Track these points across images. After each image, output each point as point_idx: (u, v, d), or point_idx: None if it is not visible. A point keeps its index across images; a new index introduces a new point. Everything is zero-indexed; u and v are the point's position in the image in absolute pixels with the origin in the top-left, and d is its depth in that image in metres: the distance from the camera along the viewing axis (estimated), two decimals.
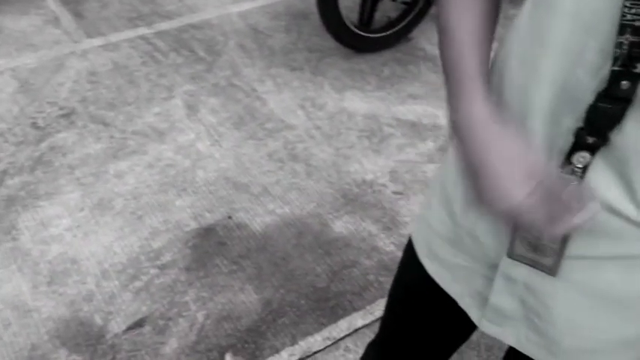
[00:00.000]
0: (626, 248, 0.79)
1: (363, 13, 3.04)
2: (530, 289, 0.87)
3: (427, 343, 1.19)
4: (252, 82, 2.87)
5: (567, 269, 0.82)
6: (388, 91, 2.93)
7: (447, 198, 0.96)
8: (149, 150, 2.51)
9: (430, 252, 1.02)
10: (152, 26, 3.12)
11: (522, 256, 0.84)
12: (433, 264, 1.02)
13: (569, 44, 0.72)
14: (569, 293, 0.85)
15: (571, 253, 0.81)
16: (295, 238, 2.25)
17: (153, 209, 2.30)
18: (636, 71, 0.67)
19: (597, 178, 0.75)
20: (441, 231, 0.98)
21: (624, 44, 0.67)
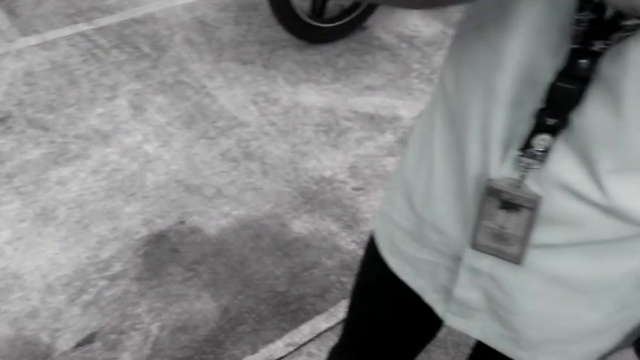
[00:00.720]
0: (590, 234, 0.79)
1: (316, 2, 3.03)
2: (494, 280, 0.88)
3: (393, 342, 1.20)
4: (201, 78, 2.83)
5: (532, 258, 0.83)
6: (344, 83, 2.92)
7: (408, 191, 0.96)
8: (93, 154, 2.46)
9: (393, 247, 1.03)
10: (92, 22, 3.05)
11: (486, 247, 0.85)
12: (396, 259, 1.03)
13: (531, 24, 0.72)
14: (533, 283, 0.86)
15: (535, 241, 0.81)
16: (252, 240, 2.23)
17: (100, 217, 2.25)
18: (595, 49, 0.67)
19: (559, 161, 0.75)
20: (403, 225, 0.98)
21: (583, 21, 0.67)
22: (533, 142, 0.75)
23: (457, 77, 0.83)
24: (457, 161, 0.84)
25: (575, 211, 0.77)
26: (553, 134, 0.74)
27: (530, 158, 0.76)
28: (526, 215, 0.79)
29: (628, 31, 0.65)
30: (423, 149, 0.92)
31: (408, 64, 3.05)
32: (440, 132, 0.87)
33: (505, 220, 0.81)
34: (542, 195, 0.77)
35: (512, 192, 0.78)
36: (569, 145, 0.74)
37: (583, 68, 0.69)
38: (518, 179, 0.77)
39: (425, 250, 0.95)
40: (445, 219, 0.89)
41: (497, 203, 0.80)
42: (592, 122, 0.72)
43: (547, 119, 0.73)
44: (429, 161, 0.90)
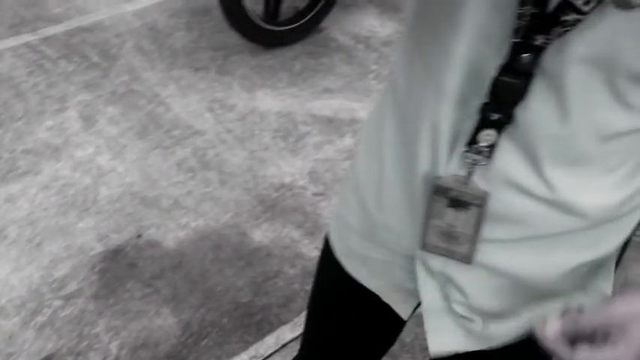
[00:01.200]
0: (538, 228, 0.81)
1: (269, 4, 3.02)
2: (449, 280, 0.89)
3: (354, 347, 1.19)
4: (153, 87, 2.80)
5: (481, 255, 0.84)
6: (301, 87, 2.92)
7: (360, 191, 0.97)
8: (43, 169, 2.41)
9: (347, 249, 1.03)
10: (37, 32, 3.00)
11: (436, 247, 0.85)
12: (351, 261, 1.03)
13: (478, 20, 0.72)
14: (483, 279, 0.87)
15: (484, 238, 0.82)
16: (213, 252, 2.21)
17: (52, 234, 2.20)
18: (536, 44, 0.69)
19: (505, 157, 0.77)
20: (356, 226, 0.99)
21: (525, 15, 0.68)
22: (479, 137, 0.76)
23: (408, 76, 0.84)
24: (407, 161, 0.85)
25: (522, 206, 0.79)
26: (498, 129, 0.75)
27: (476, 154, 0.76)
28: (474, 212, 0.80)
29: (568, 25, 0.66)
30: (372, 149, 0.93)
31: (366, 65, 3.06)
32: (390, 131, 0.88)
33: (454, 219, 0.81)
34: (489, 191, 0.78)
35: (459, 189, 0.79)
36: (514, 140, 0.75)
37: (525, 62, 0.70)
38: (465, 176, 0.78)
39: (379, 251, 0.96)
40: (397, 219, 0.90)
41: (446, 202, 0.81)
42: (536, 117, 0.73)
43: (491, 114, 0.74)
44: (380, 161, 0.90)
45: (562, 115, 0.73)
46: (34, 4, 3.15)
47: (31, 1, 3.17)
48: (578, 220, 0.79)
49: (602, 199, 0.79)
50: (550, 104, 0.72)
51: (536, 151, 0.75)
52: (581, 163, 0.76)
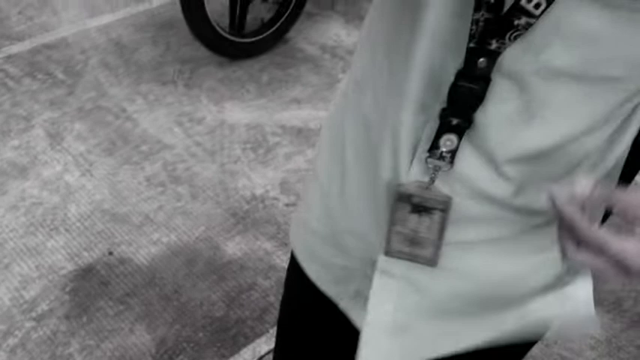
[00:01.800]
0: (500, 230, 0.83)
1: (234, 16, 3.04)
2: (410, 283, 0.90)
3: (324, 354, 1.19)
4: (120, 102, 2.80)
5: (445, 257, 0.85)
6: (270, 98, 2.94)
7: (323, 196, 0.97)
8: (10, 189, 2.39)
9: (310, 254, 1.03)
10: (0, 51, 2.98)
11: (400, 252, 0.86)
12: (313, 266, 1.03)
13: (437, 26, 0.74)
14: (445, 281, 0.88)
15: (448, 241, 0.83)
16: (185, 266, 2.21)
17: (21, 255, 2.19)
18: (491, 48, 0.70)
19: (466, 162, 0.78)
20: (319, 231, 0.99)
21: (480, 21, 0.70)
22: (440, 143, 0.77)
23: (368, 81, 0.85)
24: (370, 167, 0.85)
25: (485, 208, 0.80)
26: (458, 134, 0.76)
27: (437, 159, 0.77)
28: (438, 217, 0.81)
29: (520, 29, 0.68)
30: (334, 155, 0.93)
31: (333, 74, 3.09)
32: (351, 137, 0.89)
33: (417, 224, 0.82)
34: (452, 196, 0.80)
35: (422, 195, 0.80)
36: (474, 144, 0.77)
37: (482, 67, 0.71)
38: (427, 182, 0.79)
39: (341, 256, 0.96)
40: (360, 224, 0.90)
41: (409, 208, 0.81)
42: (495, 120, 0.75)
43: (451, 119, 0.75)
44: (342, 167, 0.91)
45: (521, 118, 0.74)
46: None
47: None
48: (538, 219, 0.81)
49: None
50: (509, 107, 0.74)
51: (496, 155, 0.77)
52: (540, 165, 0.77)
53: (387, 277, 0.91)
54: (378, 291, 0.92)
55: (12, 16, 3.19)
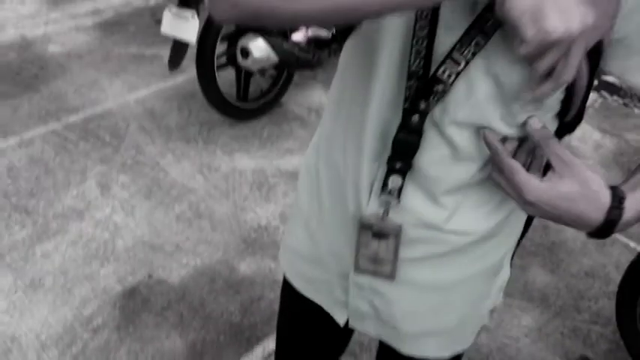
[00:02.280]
0: (439, 248, 0.83)
1: (240, 87, 3.05)
2: (376, 292, 0.89)
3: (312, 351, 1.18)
4: (154, 157, 2.79)
5: (402, 272, 0.85)
6: (269, 149, 2.94)
7: (304, 218, 0.96)
8: (71, 229, 2.37)
9: (296, 271, 1.02)
10: (61, 120, 2.97)
11: (366, 269, 0.86)
12: (299, 281, 1.02)
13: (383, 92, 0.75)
14: (406, 291, 0.88)
15: (402, 259, 0.84)
16: (208, 284, 2.19)
17: (80, 280, 2.16)
18: (421, 108, 0.71)
19: (410, 197, 0.79)
20: (303, 251, 0.98)
21: (411, 88, 0.71)
22: (389, 182, 0.77)
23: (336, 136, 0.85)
24: (340, 201, 0.86)
25: (427, 232, 0.81)
26: (402, 175, 0.76)
27: (388, 196, 0.78)
28: (393, 241, 0.81)
29: (439, 94, 0.70)
30: (312, 190, 0.93)
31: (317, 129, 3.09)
32: (325, 179, 0.89)
33: (378, 247, 0.83)
34: (402, 224, 0.80)
35: (379, 224, 0.81)
36: (416, 182, 0.78)
37: (415, 123, 0.72)
38: (382, 214, 0.80)
39: (321, 271, 0.95)
40: (337, 246, 0.90)
41: (370, 234, 0.82)
42: (430, 163, 0.76)
43: (396, 164, 0.76)
44: (319, 201, 0.91)
45: (451, 159, 0.75)
46: (56, 99, 3.12)
47: (54, 97, 3.14)
48: (467, 238, 0.81)
49: (483, 222, 0.81)
50: (440, 152, 0.75)
51: (433, 190, 0.77)
52: (466, 196, 0.78)
53: (359, 289, 0.91)
54: (354, 298, 0.92)
55: (69, 93, 3.18)
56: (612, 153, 3.12)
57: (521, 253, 2.46)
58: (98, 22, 3.90)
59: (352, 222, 0.84)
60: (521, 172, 0.68)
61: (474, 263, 0.86)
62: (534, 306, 2.26)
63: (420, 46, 0.69)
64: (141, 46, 3.66)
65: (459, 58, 0.67)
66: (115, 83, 3.29)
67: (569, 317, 2.24)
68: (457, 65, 0.67)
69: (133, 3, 4.19)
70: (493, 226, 0.82)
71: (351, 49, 0.82)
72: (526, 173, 0.68)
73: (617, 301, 2.06)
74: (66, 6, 4.05)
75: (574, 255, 2.50)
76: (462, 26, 0.66)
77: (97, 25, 3.85)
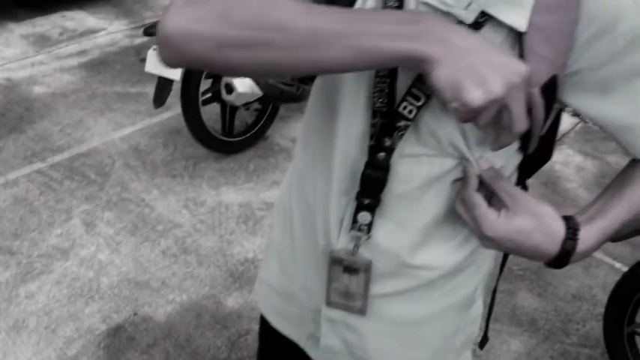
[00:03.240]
0: (409, 282, 0.82)
1: (225, 122, 3.08)
2: (348, 327, 0.89)
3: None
4: (140, 194, 2.79)
5: (373, 306, 0.84)
6: (256, 182, 2.95)
7: (278, 253, 0.96)
8: (55, 268, 2.35)
9: (272, 308, 1.01)
10: (46, 160, 2.97)
11: (337, 303, 0.85)
12: (275, 317, 1.01)
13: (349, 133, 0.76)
14: (377, 325, 0.87)
15: (373, 294, 0.83)
16: (195, 319, 2.17)
17: (65, 320, 2.13)
18: (386, 145, 0.72)
19: (380, 232, 0.79)
20: (278, 288, 0.97)
21: (376, 125, 0.72)
22: (358, 218, 0.77)
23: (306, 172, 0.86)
24: (312, 237, 0.86)
25: (397, 267, 0.81)
26: (371, 211, 0.77)
27: (358, 231, 0.78)
28: (363, 276, 0.81)
29: (402, 130, 0.71)
30: (285, 227, 0.93)
31: None
32: (297, 214, 0.89)
33: (349, 281, 0.82)
34: (372, 259, 0.80)
35: (350, 259, 0.81)
36: (385, 217, 0.78)
37: (381, 159, 0.73)
38: (352, 249, 0.80)
39: (295, 306, 0.95)
40: (309, 281, 0.89)
41: (341, 269, 0.82)
42: (399, 197, 0.76)
43: (364, 200, 0.76)
44: (292, 236, 0.91)
45: (416, 195, 0.76)
46: (42, 139, 3.13)
47: (39, 137, 3.15)
48: (436, 273, 0.81)
49: (452, 256, 0.81)
50: (408, 186, 0.75)
51: (402, 225, 0.78)
52: (434, 230, 0.78)
53: (331, 324, 0.90)
54: (326, 333, 0.91)
55: (54, 133, 3.19)
56: (594, 176, 3.16)
57: (508, 277, 2.46)
58: (84, 62, 3.94)
59: (323, 257, 0.84)
60: (482, 206, 0.70)
61: (444, 297, 0.85)
62: (523, 330, 2.25)
63: (382, 84, 0.70)
64: (126, 85, 3.70)
65: (418, 94, 0.68)
66: (100, 122, 3.31)
67: (557, 341, 2.23)
68: (417, 100, 0.68)
69: (119, 42, 4.25)
70: (462, 260, 0.82)
71: (318, 85, 0.83)
72: (486, 208, 0.70)
73: (605, 323, 2.06)
74: (51, 48, 4.10)
75: (560, 278, 2.50)
76: None
77: (82, 65, 3.90)
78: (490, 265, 0.90)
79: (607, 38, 0.65)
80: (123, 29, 4.46)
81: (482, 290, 0.92)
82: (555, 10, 0.64)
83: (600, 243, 0.73)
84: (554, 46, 0.64)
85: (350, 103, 0.75)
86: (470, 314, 0.92)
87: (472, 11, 0.64)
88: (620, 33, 0.64)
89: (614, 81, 0.68)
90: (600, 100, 0.70)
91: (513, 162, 0.77)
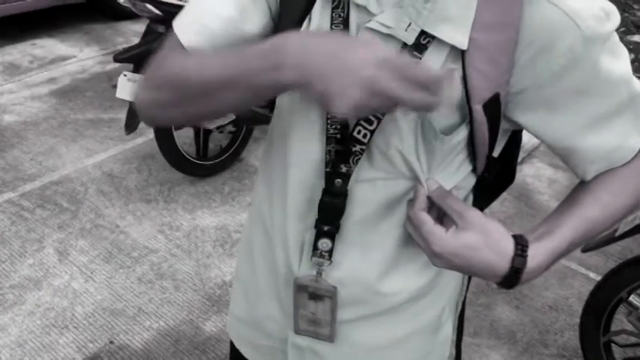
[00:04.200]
0: (372, 308, 0.82)
1: (199, 145, 3.08)
2: (315, 354, 0.88)
3: None
4: (114, 220, 2.76)
5: (340, 333, 0.84)
6: (231, 204, 2.95)
7: (244, 289, 0.95)
8: (28, 299, 2.31)
9: (242, 339, 0.99)
10: (16, 190, 2.93)
11: (305, 330, 0.85)
12: (245, 348, 0.99)
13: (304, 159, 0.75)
14: (341, 352, 0.86)
15: (339, 321, 0.82)
16: (173, 346, 2.14)
17: (38, 352, 2.09)
18: (342, 171, 0.72)
19: (341, 258, 0.78)
20: (245, 319, 0.96)
21: (332, 152, 0.72)
22: (319, 245, 0.77)
23: (264, 199, 0.86)
24: (272, 265, 0.85)
25: (361, 292, 0.80)
26: (331, 238, 0.76)
27: (320, 258, 0.78)
28: (329, 302, 0.80)
29: (358, 154, 0.71)
30: (248, 256, 0.92)
31: None
32: (257, 243, 0.89)
33: (315, 308, 0.82)
34: (337, 285, 0.79)
35: (314, 286, 0.80)
36: (345, 243, 0.77)
37: (338, 186, 0.73)
38: (316, 275, 0.79)
39: (263, 337, 0.93)
40: (273, 310, 0.88)
41: (307, 295, 0.81)
42: (359, 222, 0.76)
43: (323, 227, 0.76)
44: (252, 265, 0.90)
45: (375, 219, 0.76)
46: (12, 169, 3.09)
47: (10, 167, 3.11)
48: (400, 297, 0.81)
49: (415, 280, 0.81)
50: (367, 210, 0.75)
51: (363, 250, 0.77)
52: (396, 254, 0.78)
53: (298, 350, 0.89)
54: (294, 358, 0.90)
55: (25, 162, 3.15)
56: (566, 188, 3.22)
57: (485, 291, 2.48)
58: (54, 89, 3.92)
59: (284, 285, 0.83)
60: (428, 223, 0.70)
61: (410, 322, 0.85)
62: (502, 343, 2.27)
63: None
64: (98, 111, 3.68)
65: (371, 117, 0.69)
66: (72, 149, 3.28)
67: (536, 352, 2.25)
68: (370, 124, 0.69)
69: (90, 69, 4.23)
70: (426, 283, 0.81)
71: (275, 112, 0.83)
72: (432, 224, 0.70)
73: (581, 333, 2.09)
74: (21, 76, 4.07)
75: (537, 289, 2.54)
76: None
77: (53, 93, 3.87)
78: (456, 288, 0.90)
79: (547, 57, 0.65)
80: (94, 56, 4.45)
81: (450, 313, 0.92)
82: (495, 29, 0.65)
83: (549, 262, 0.72)
84: (495, 63, 0.65)
85: (304, 130, 0.75)
86: (438, 337, 0.90)
87: (412, 32, 0.66)
88: (559, 51, 0.65)
89: (557, 99, 0.69)
90: (547, 119, 0.70)
91: (467, 183, 0.78)
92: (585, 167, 0.75)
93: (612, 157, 0.73)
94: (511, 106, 0.70)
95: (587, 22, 0.64)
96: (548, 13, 0.64)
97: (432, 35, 0.66)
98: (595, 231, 0.75)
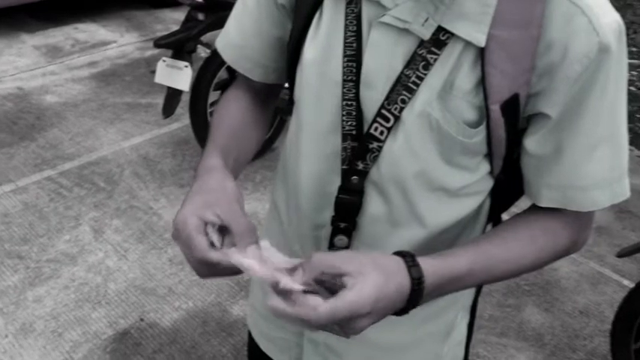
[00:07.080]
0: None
1: None
2: (330, 349, 0.89)
3: None
4: (148, 202, 2.84)
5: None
6: (262, 192, 3.00)
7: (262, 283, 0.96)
8: (63, 273, 2.39)
9: (259, 331, 1.01)
10: (56, 168, 3.03)
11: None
12: (262, 340, 1.01)
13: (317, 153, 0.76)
14: (356, 348, 0.87)
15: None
16: (201, 327, 2.20)
17: (72, 325, 2.17)
18: (359, 168, 0.72)
19: None
20: (262, 312, 0.97)
21: (348, 149, 0.72)
22: (335, 242, 0.77)
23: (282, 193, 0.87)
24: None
25: None
26: (347, 235, 0.76)
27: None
28: None
29: (375, 151, 0.71)
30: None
31: None
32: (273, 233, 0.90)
33: None
34: None
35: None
36: (362, 240, 0.77)
37: (355, 183, 0.73)
38: None
39: (279, 330, 0.95)
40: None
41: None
42: (372, 221, 0.76)
43: (340, 224, 0.75)
44: None
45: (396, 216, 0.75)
46: (52, 147, 3.20)
47: (50, 145, 3.21)
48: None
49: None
50: (384, 209, 0.75)
51: (379, 248, 0.77)
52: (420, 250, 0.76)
53: (313, 345, 0.90)
54: (308, 354, 0.92)
55: (65, 141, 3.26)
56: None
57: (515, 292, 2.48)
58: (94, 73, 4.03)
59: None
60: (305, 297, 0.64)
61: (424, 324, 0.85)
62: (529, 345, 2.27)
63: (350, 107, 0.70)
64: (136, 95, 3.77)
65: (387, 115, 0.69)
66: (109, 131, 3.37)
67: (564, 356, 2.24)
68: (387, 121, 0.69)
69: (129, 55, 4.34)
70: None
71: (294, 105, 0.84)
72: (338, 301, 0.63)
73: (612, 340, 2.07)
74: (63, 58, 4.19)
75: (568, 294, 2.52)
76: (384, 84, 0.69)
77: (93, 76, 3.98)
78: (471, 289, 0.90)
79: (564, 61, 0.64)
80: (133, 42, 4.56)
81: (465, 314, 0.91)
82: (517, 26, 0.63)
83: (444, 280, 0.67)
84: (516, 61, 0.64)
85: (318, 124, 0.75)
86: (449, 341, 0.90)
87: (429, 27, 0.65)
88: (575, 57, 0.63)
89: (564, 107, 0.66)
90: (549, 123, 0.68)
91: (484, 186, 0.77)
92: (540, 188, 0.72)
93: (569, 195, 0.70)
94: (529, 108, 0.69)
95: (604, 29, 0.63)
96: (569, 11, 0.63)
97: (450, 32, 0.65)
98: (497, 270, 0.71)
